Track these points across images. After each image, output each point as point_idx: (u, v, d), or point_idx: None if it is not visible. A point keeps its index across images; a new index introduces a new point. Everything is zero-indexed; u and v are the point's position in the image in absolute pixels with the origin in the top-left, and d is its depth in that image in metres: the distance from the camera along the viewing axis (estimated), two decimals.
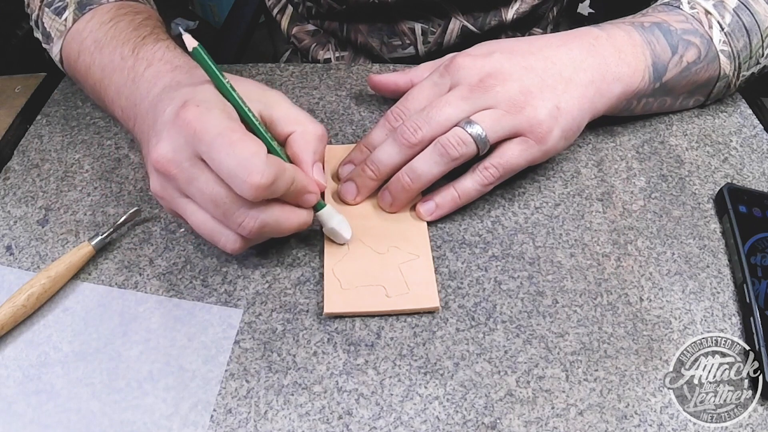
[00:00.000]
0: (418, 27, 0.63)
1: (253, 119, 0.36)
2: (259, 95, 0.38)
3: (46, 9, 0.49)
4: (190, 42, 0.35)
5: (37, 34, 0.51)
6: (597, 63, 0.43)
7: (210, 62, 0.36)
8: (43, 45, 0.51)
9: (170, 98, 0.36)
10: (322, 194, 0.40)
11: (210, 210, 0.35)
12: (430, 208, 0.42)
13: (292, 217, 0.37)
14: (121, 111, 0.43)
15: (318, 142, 0.38)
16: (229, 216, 0.35)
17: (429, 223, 0.43)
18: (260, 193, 0.33)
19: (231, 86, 0.36)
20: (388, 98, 0.52)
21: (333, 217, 0.40)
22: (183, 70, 0.40)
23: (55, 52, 0.49)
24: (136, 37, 0.44)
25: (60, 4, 0.48)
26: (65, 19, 0.47)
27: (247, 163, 0.32)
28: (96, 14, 0.47)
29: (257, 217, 0.35)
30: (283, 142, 0.38)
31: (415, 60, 0.65)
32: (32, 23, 0.51)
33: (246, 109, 0.36)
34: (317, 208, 0.39)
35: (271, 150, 0.36)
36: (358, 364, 0.36)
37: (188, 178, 0.34)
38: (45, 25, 0.49)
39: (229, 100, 0.36)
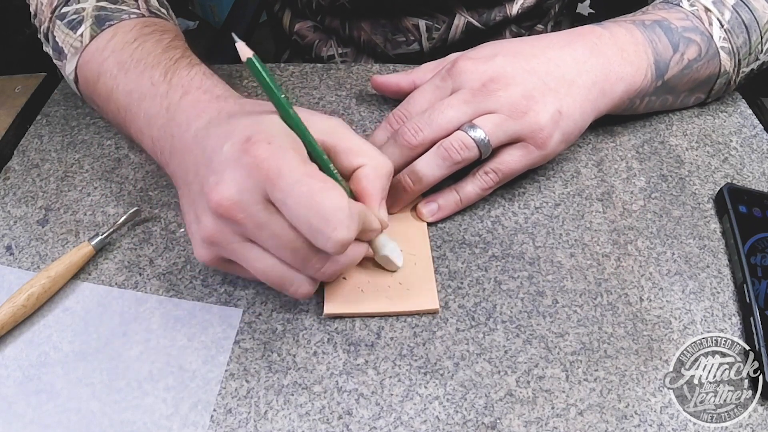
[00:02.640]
0: (422, 23, 0.63)
1: (321, 153, 0.33)
2: (319, 123, 0.35)
3: (58, 22, 0.44)
4: (245, 51, 0.31)
5: (47, 49, 0.46)
6: (600, 63, 0.43)
7: (268, 78, 0.32)
8: (54, 61, 0.46)
9: (224, 132, 0.33)
10: None
11: (284, 256, 0.33)
12: (432, 209, 0.42)
13: (356, 252, 0.35)
14: (152, 142, 0.39)
15: (387, 179, 0.36)
16: (307, 262, 0.33)
17: (429, 223, 0.43)
18: (345, 248, 0.31)
19: (296, 114, 0.32)
20: (389, 98, 0.52)
21: (386, 244, 0.38)
22: (227, 100, 0.37)
23: (68, 70, 0.45)
24: (167, 60, 0.40)
25: (75, 17, 0.43)
26: (81, 35, 0.43)
27: (331, 217, 0.30)
28: (118, 32, 0.42)
29: (338, 260, 0.33)
30: (347, 175, 0.36)
31: (420, 56, 0.65)
32: (41, 36, 0.47)
33: (314, 143, 0.33)
34: None
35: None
36: (358, 364, 0.36)
37: (258, 223, 0.32)
38: (57, 39, 0.44)
39: (294, 130, 0.33)
